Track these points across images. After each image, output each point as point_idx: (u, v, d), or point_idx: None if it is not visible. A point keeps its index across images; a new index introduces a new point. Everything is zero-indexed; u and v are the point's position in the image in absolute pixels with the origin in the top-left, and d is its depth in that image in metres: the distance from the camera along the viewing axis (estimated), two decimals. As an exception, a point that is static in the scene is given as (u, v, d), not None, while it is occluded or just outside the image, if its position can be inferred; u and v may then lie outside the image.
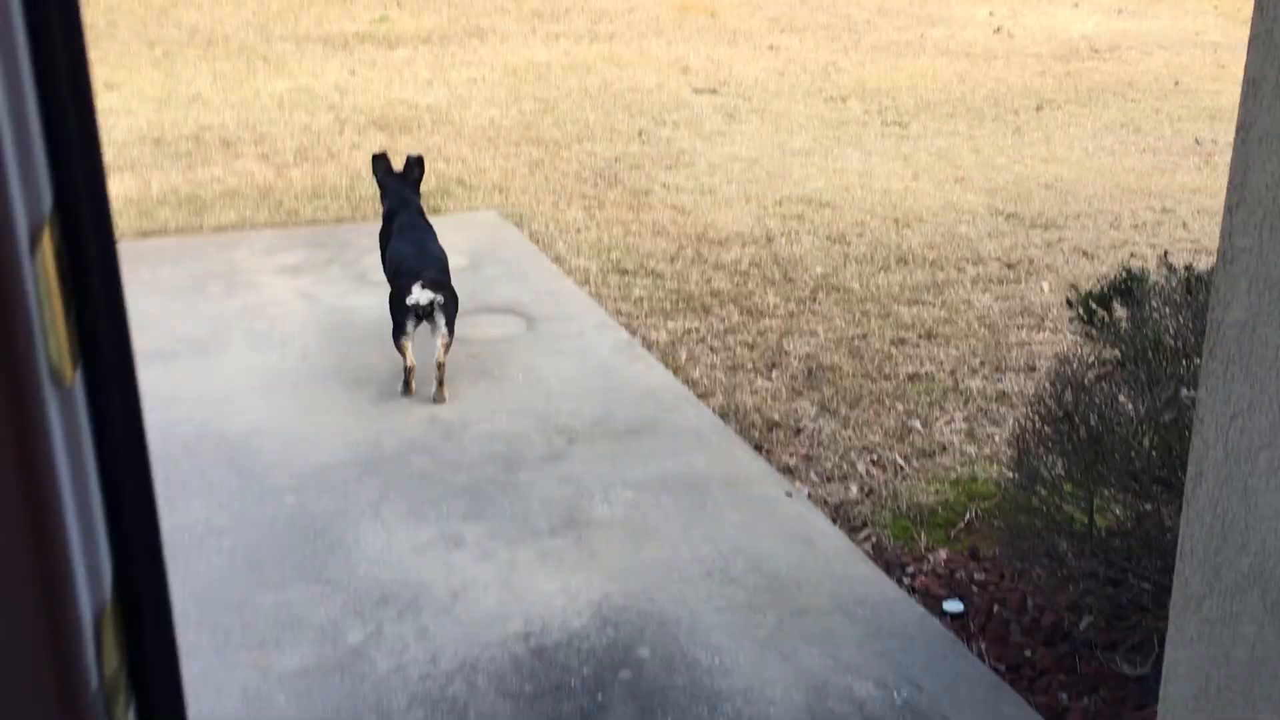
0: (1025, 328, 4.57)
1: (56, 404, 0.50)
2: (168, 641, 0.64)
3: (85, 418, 0.54)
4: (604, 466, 3.48)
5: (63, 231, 0.52)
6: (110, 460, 0.58)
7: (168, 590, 0.65)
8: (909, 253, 5.36)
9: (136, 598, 0.61)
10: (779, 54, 9.50)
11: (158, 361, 4.10)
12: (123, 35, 9.46)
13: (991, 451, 3.65)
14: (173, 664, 0.63)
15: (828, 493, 3.44)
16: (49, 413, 0.49)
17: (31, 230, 0.49)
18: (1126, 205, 6.06)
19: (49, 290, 0.49)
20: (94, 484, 0.57)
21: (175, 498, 3.24)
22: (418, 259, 3.94)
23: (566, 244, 5.40)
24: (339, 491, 3.31)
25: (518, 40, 9.80)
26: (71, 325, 0.53)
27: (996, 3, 11.62)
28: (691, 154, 6.85)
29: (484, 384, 4.03)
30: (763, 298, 4.85)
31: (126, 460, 0.62)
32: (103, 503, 0.58)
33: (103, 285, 0.55)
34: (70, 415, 0.52)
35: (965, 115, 7.84)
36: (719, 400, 3.99)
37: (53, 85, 0.51)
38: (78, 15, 0.53)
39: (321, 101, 7.84)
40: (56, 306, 0.50)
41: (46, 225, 0.50)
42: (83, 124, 0.53)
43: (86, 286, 0.54)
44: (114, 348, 0.56)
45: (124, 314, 0.58)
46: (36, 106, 0.50)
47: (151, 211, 5.64)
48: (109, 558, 0.59)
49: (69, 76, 0.52)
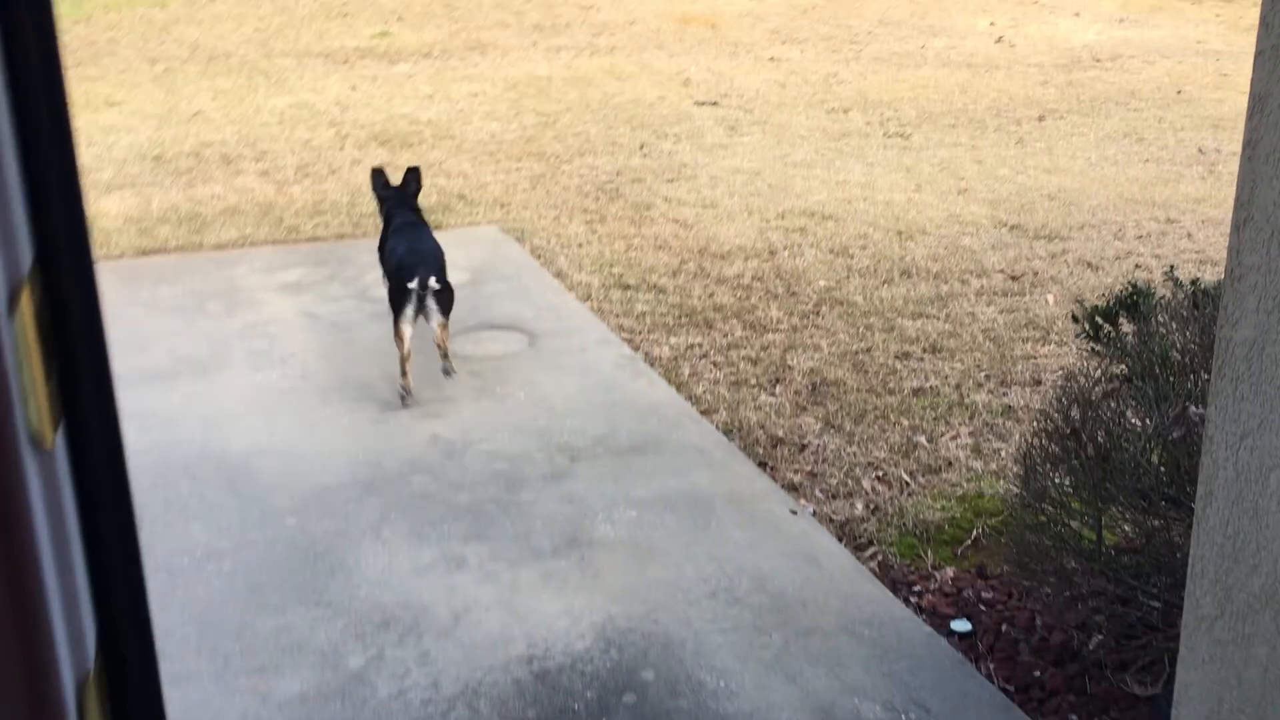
0: (1030, 341, 4.55)
1: (36, 468, 0.48)
2: (155, 709, 0.62)
3: (67, 481, 0.52)
4: (607, 485, 3.46)
5: (44, 287, 0.50)
6: (94, 523, 0.56)
7: (155, 655, 0.63)
8: (912, 265, 5.34)
9: (122, 663, 0.59)
10: (780, 66, 9.50)
11: (158, 382, 4.08)
12: (124, 53, 9.48)
13: (998, 467, 3.62)
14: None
15: (833, 510, 3.41)
16: (28, 478, 0.47)
17: (10, 289, 0.47)
18: (1130, 216, 6.04)
19: (28, 352, 0.47)
20: (77, 548, 0.55)
21: (175, 521, 3.21)
22: (414, 254, 4.05)
23: (568, 259, 5.38)
24: (340, 513, 3.28)
25: (518, 54, 9.81)
26: (53, 385, 0.50)
27: (998, 13, 11.62)
28: (693, 167, 6.84)
29: (486, 401, 4.00)
30: (766, 312, 4.83)
31: (111, 522, 0.60)
32: (86, 567, 0.56)
33: (86, 342, 0.53)
34: (51, 479, 0.50)
35: (967, 126, 7.82)
36: (722, 416, 3.96)
37: (33, 137, 0.49)
38: (59, 69, 0.51)
39: (322, 117, 7.84)
40: (36, 368, 0.48)
41: (26, 284, 0.48)
42: (65, 177, 0.51)
43: (69, 344, 0.52)
44: (98, 407, 0.54)
45: (109, 371, 0.55)
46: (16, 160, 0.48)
47: (152, 229, 5.63)
48: (93, 624, 0.57)
49: (51, 128, 0.50)
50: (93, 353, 0.54)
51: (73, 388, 0.52)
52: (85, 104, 7.96)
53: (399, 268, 3.99)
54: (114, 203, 5.98)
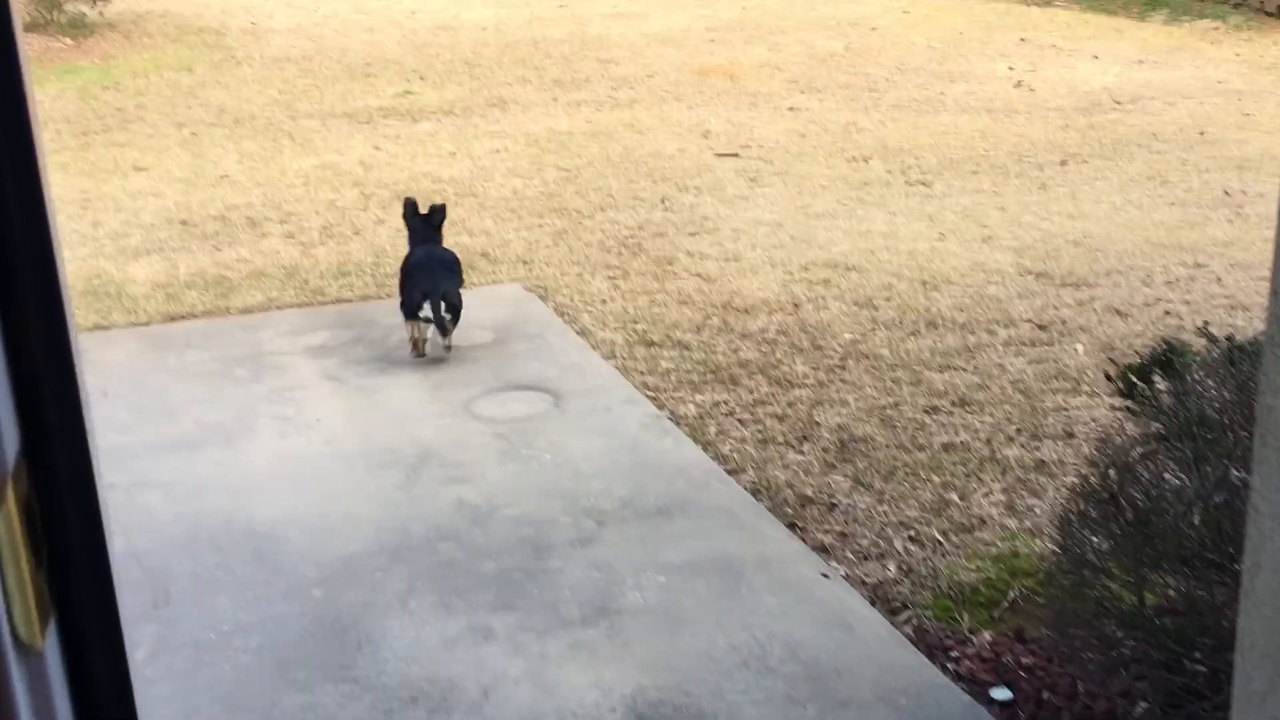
0: (1061, 392, 4.49)
1: (23, 674, 0.45)
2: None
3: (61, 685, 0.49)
4: (635, 550, 3.42)
5: (34, 474, 0.47)
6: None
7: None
8: (938, 316, 5.30)
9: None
10: (799, 115, 9.54)
11: (184, 450, 4.09)
12: (151, 117, 9.62)
13: (1033, 525, 3.56)
14: None
15: (865, 572, 3.35)
16: (13, 686, 0.44)
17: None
18: (1158, 261, 5.98)
19: (15, 551, 0.45)
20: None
21: (201, 594, 3.20)
22: (427, 274, 4.68)
23: (592, 316, 5.38)
24: (366, 583, 3.26)
25: (539, 109, 9.89)
26: (42, 582, 0.48)
27: (1016, 57, 11.64)
28: (715, 220, 6.85)
29: (511, 465, 3.98)
30: (791, 367, 4.80)
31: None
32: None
33: (82, 532, 0.50)
34: (41, 684, 0.47)
35: (989, 172, 7.80)
36: (750, 476, 3.92)
37: (18, 317, 0.47)
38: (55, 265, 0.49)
39: (346, 177, 7.91)
40: (24, 568, 0.45)
41: (10, 481, 0.45)
42: (59, 364, 0.49)
43: (63, 533, 0.50)
44: (95, 600, 0.51)
45: (106, 562, 0.52)
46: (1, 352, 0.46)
47: (179, 295, 5.67)
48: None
49: (42, 309, 0.48)
50: (89, 542, 0.51)
51: (66, 578, 0.49)
52: (114, 169, 8.07)
53: (405, 270, 4.78)
54: (141, 268, 6.04)
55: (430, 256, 4.78)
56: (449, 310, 4.59)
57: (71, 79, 11.03)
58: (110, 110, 9.91)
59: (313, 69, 11.47)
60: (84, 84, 10.82)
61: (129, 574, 3.26)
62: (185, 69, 11.45)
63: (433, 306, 4.58)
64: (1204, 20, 12.77)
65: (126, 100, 10.24)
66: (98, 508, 0.51)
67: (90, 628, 0.51)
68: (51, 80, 10.94)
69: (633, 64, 11.57)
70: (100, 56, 12.03)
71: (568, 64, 11.60)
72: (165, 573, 3.31)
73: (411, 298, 4.66)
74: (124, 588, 1.98)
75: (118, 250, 6.34)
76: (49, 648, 0.47)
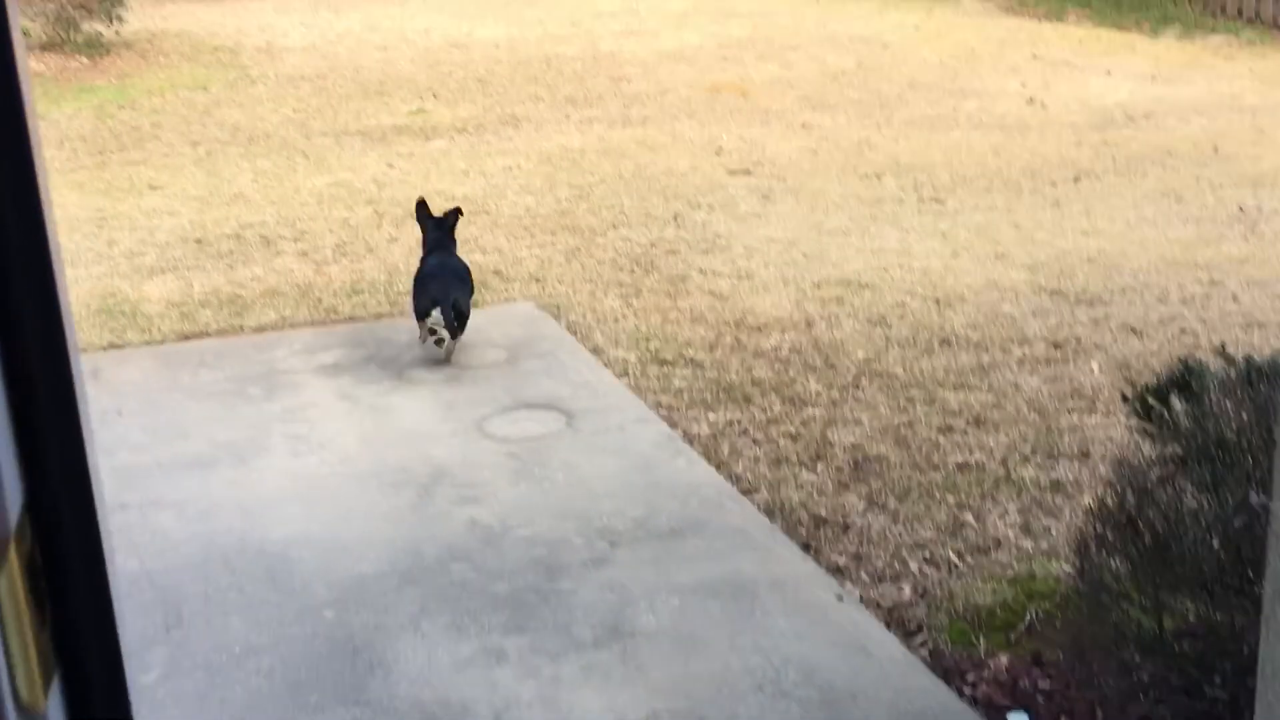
0: (1076, 411, 4.46)
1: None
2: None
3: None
4: (648, 571, 3.40)
5: (37, 532, 0.46)
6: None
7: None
8: (952, 334, 5.28)
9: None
10: (811, 132, 9.54)
11: (198, 469, 4.09)
12: (167, 136, 9.68)
13: (1049, 546, 3.53)
14: None
15: (880, 594, 3.33)
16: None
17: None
18: (1173, 278, 5.95)
19: (18, 613, 0.44)
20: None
21: (214, 615, 3.19)
22: (439, 282, 4.91)
23: (604, 334, 5.37)
24: (378, 604, 3.25)
25: (552, 127, 9.92)
26: (46, 641, 0.46)
27: (1028, 73, 11.63)
28: (727, 237, 6.84)
29: (524, 485, 3.97)
30: (804, 385, 4.78)
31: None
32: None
33: (87, 586, 0.49)
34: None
35: (1003, 189, 7.78)
36: (763, 496, 3.90)
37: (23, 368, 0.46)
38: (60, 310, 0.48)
39: (360, 195, 7.94)
40: (28, 630, 0.44)
41: (13, 542, 0.44)
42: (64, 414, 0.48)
43: (66, 589, 0.48)
44: (100, 654, 0.50)
45: (111, 614, 0.51)
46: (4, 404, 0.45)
47: (193, 314, 5.69)
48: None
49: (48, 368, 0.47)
50: (94, 595, 0.49)
51: (71, 633, 0.47)
52: (129, 188, 8.12)
53: (419, 280, 5.00)
54: (156, 287, 6.06)
55: (443, 266, 5.03)
56: (457, 318, 4.84)
57: (88, 98, 11.11)
58: (126, 129, 9.97)
59: (326, 87, 11.53)
60: (100, 103, 10.89)
61: (141, 595, 3.26)
62: (200, 88, 11.52)
63: (442, 312, 4.79)
64: (1217, 36, 12.73)
65: (142, 119, 10.31)
66: (103, 559, 0.50)
67: (95, 683, 0.50)
68: (68, 99, 11.02)
69: (645, 81, 11.59)
70: (116, 75, 12.11)
71: (580, 81, 11.63)
72: (177, 593, 3.31)
73: (422, 304, 4.90)
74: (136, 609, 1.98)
75: (132, 269, 6.37)
76: (51, 707, 0.46)
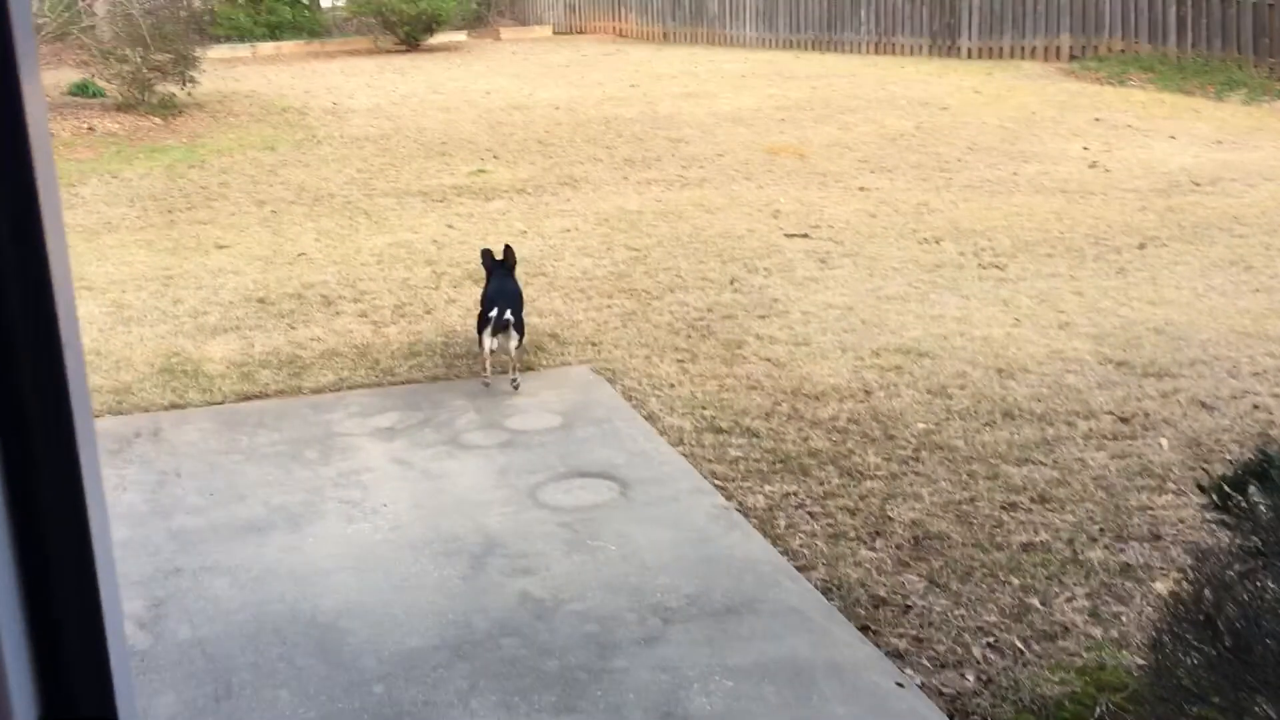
0: (1146, 490, 4.32)
1: None
2: None
3: None
4: (702, 651, 3.33)
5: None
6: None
7: None
8: (1015, 406, 5.17)
9: None
10: (869, 195, 9.50)
11: (253, 534, 4.10)
12: (234, 196, 9.89)
13: (1119, 634, 3.40)
14: None
15: (942, 682, 3.22)
16: None
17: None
18: (1244, 351, 5.79)
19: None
20: None
21: (263, 687, 3.17)
22: (499, 293, 5.60)
23: (660, 401, 5.34)
24: (428, 680, 3.20)
25: (610, 188, 9.99)
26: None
27: (1090, 136, 11.52)
28: (785, 302, 6.80)
29: (577, 556, 3.93)
30: (863, 457, 4.70)
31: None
32: None
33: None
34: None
35: (1065, 255, 7.67)
36: (821, 574, 3.82)
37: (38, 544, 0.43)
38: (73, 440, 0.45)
39: (420, 255, 8.03)
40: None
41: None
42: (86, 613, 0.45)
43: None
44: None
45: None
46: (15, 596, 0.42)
47: (253, 374, 5.75)
48: None
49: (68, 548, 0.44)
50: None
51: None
52: (196, 247, 8.29)
53: (484, 299, 5.65)
54: (218, 347, 6.14)
55: (503, 289, 5.69)
56: (516, 327, 5.46)
57: (160, 158, 11.41)
58: (195, 188, 10.21)
59: (390, 148, 11.74)
60: (171, 162, 11.19)
61: (192, 664, 3.25)
62: (268, 148, 11.79)
63: (499, 310, 5.39)
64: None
65: (211, 178, 10.56)
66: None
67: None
68: (140, 159, 11.33)
69: (703, 143, 11.66)
70: (188, 135, 12.45)
71: (639, 143, 11.73)
72: (228, 663, 3.29)
73: (486, 309, 5.53)
74: (186, 679, 1.95)
75: (196, 328, 6.47)
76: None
